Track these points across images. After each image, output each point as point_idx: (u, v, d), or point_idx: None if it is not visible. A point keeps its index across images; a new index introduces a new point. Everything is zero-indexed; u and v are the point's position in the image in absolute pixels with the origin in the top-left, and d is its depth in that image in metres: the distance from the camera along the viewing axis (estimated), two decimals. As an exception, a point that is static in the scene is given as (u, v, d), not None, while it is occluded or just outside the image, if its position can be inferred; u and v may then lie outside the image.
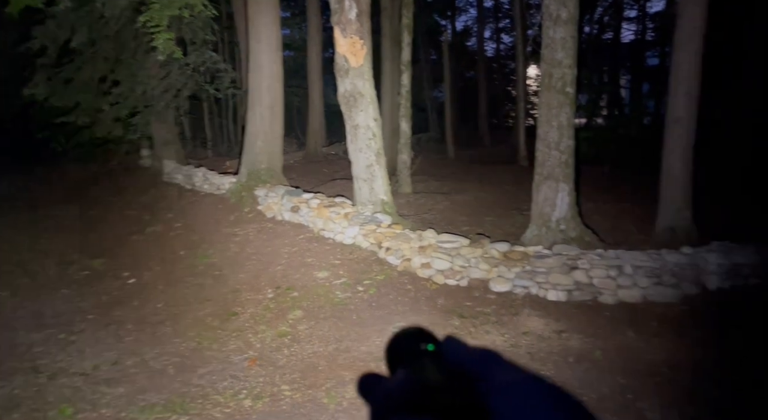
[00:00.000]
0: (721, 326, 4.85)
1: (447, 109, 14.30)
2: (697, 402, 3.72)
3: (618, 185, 9.56)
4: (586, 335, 4.68)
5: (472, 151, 15.93)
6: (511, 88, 22.43)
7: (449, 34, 20.83)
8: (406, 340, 0.51)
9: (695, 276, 5.57)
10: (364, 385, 0.51)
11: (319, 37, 14.84)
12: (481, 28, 21.19)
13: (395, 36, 11.03)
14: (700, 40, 6.04)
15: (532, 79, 18.29)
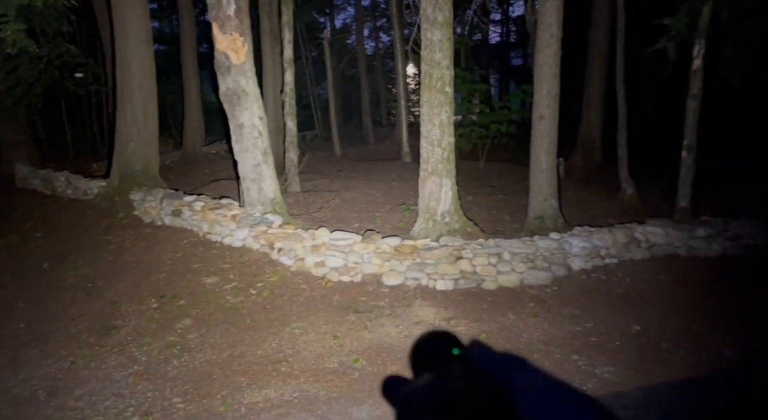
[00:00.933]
0: (584, 303, 5.44)
1: (331, 107, 14.35)
2: (569, 371, 4.16)
3: (493, 178, 10.28)
4: (472, 320, 5.00)
5: (357, 148, 16.15)
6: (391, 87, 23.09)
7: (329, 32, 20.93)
8: (432, 343, 0.51)
9: (563, 259, 6.18)
10: (389, 387, 0.51)
11: (192, 31, 14.06)
12: (360, 26, 21.53)
13: (275, 33, 10.82)
14: (558, 44, 6.70)
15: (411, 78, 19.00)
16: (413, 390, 0.47)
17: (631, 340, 4.62)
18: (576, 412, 0.40)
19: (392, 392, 0.50)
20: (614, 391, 3.84)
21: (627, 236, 6.51)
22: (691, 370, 4.10)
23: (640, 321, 5.00)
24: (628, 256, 6.45)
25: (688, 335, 4.73)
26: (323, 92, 20.57)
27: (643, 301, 5.48)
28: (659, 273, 6.14)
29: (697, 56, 6.57)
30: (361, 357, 4.40)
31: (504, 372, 0.45)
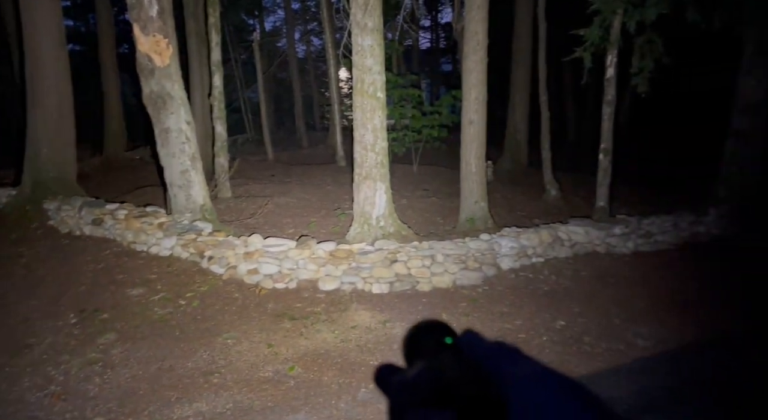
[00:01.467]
0: (513, 301, 5.67)
1: (262, 110, 14.09)
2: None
3: (426, 181, 10.48)
4: (408, 322, 5.07)
5: (290, 152, 15.95)
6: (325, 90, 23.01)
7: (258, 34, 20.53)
8: (424, 333, 0.51)
9: (493, 259, 6.40)
10: (381, 376, 0.51)
11: (111, 31, 13.39)
12: (291, 29, 21.30)
13: (202, 35, 10.50)
14: (484, 51, 6.94)
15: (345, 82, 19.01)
16: (406, 379, 0.47)
17: (556, 335, 4.86)
18: (566, 400, 0.40)
19: (385, 381, 0.50)
20: (542, 384, 4.02)
21: (552, 236, 6.84)
22: (611, 361, 4.37)
23: (564, 316, 5.27)
24: (553, 255, 6.78)
25: (607, 328, 5.04)
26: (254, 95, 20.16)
27: (567, 297, 5.77)
28: (581, 270, 6.49)
29: (611, 65, 7.04)
30: (296, 364, 4.35)
31: (496, 361, 0.45)
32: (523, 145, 11.83)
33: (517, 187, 10.62)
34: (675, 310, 5.41)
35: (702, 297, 5.77)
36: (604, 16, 6.32)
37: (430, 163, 11.84)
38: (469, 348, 0.48)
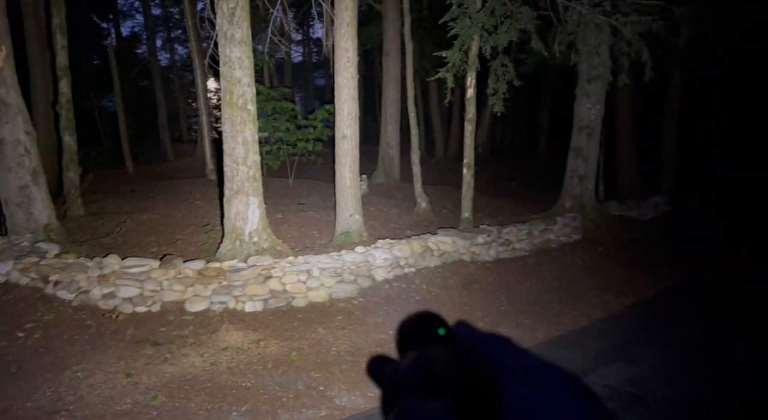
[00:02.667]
0: (388, 311, 5.81)
1: (120, 120, 13.02)
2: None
3: (302, 195, 10.40)
4: (283, 339, 4.96)
5: (155, 165, 14.90)
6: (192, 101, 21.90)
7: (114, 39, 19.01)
8: (417, 324, 0.50)
9: (368, 271, 6.52)
10: (374, 368, 0.50)
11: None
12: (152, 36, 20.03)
13: (43, 36, 9.46)
14: (355, 68, 7.11)
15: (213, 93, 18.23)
16: (399, 369, 0.47)
17: (428, 341, 5.06)
18: (558, 391, 0.40)
19: (378, 372, 0.49)
20: (414, 390, 4.15)
21: (422, 246, 7.14)
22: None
23: (435, 323, 5.50)
24: (424, 265, 7.08)
25: (473, 331, 5.36)
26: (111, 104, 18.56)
27: (437, 304, 6.05)
28: (449, 278, 6.86)
29: (470, 86, 7.61)
30: (160, 393, 4.02)
31: (488, 352, 0.45)
32: (395, 159, 12.26)
33: (390, 201, 10.95)
34: (530, 311, 5.92)
35: (551, 297, 6.39)
36: (463, 40, 6.83)
37: (305, 177, 11.78)
38: (463, 339, 0.48)
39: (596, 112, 9.20)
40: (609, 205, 10.21)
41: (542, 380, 0.41)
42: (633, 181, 11.94)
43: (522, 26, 6.60)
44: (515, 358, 0.44)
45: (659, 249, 8.68)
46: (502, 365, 0.43)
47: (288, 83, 19.72)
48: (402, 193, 11.39)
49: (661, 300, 6.42)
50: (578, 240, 8.83)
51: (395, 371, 0.47)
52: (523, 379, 0.41)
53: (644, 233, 9.40)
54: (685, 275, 7.40)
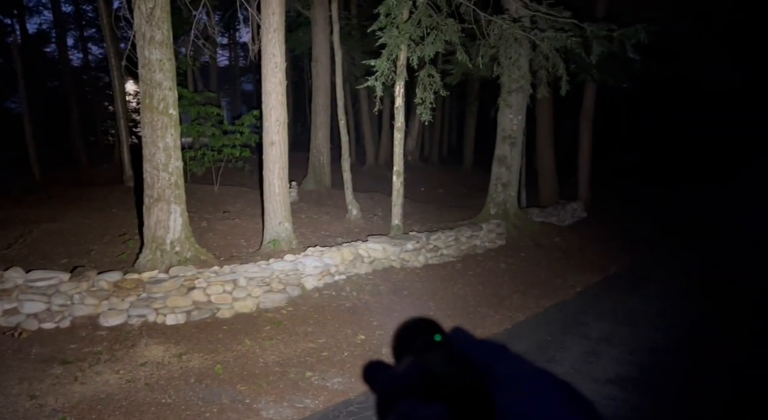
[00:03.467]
0: (318, 319, 5.75)
1: (26, 123, 12.08)
2: (303, 388, 4.31)
3: (228, 202, 10.10)
4: (207, 352, 4.77)
5: (67, 171, 13.94)
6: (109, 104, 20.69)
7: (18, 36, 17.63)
8: (414, 330, 0.49)
9: (297, 279, 6.42)
10: (370, 373, 0.50)
11: None
12: (62, 34, 18.77)
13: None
14: (283, 74, 7.02)
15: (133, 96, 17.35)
16: (394, 374, 0.47)
17: (357, 350, 5.05)
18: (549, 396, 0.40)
19: (372, 378, 0.50)
20: (342, 399, 4.13)
21: (353, 254, 7.14)
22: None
23: (365, 330, 5.51)
24: (355, 272, 7.08)
25: (402, 337, 5.41)
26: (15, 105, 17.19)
27: (368, 312, 6.06)
28: (379, 284, 6.89)
29: (399, 95, 7.73)
30: (68, 415, 3.74)
31: (484, 358, 0.45)
32: (326, 166, 12.20)
33: (321, 208, 10.88)
34: (456, 315, 6.07)
35: (477, 302, 6.59)
36: (391, 50, 6.93)
37: (232, 184, 11.45)
38: (459, 345, 0.48)
39: (518, 123, 9.62)
40: (531, 212, 10.69)
41: (535, 385, 0.42)
42: (553, 189, 12.58)
43: (447, 38, 6.80)
44: (509, 363, 0.45)
45: (577, 253, 9.18)
46: (496, 371, 0.43)
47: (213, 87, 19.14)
48: (333, 200, 11.35)
49: (579, 301, 6.77)
50: (502, 245, 9.17)
51: (391, 376, 0.47)
52: (517, 384, 0.42)
53: (563, 238, 9.90)
54: (600, 277, 7.87)
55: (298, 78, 19.99)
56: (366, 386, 0.50)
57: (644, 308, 6.40)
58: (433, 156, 21.61)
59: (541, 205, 11.60)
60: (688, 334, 5.54)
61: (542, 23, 7.03)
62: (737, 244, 10.36)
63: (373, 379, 0.50)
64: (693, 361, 4.95)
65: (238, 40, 25.73)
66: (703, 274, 8.02)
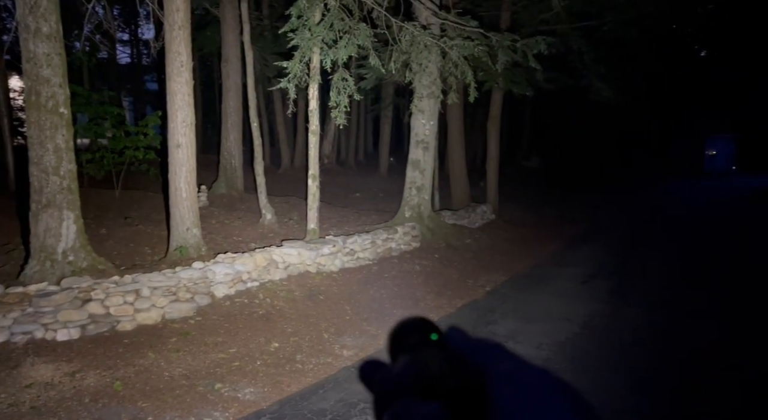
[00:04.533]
0: (229, 329, 5.53)
1: None
2: (212, 401, 4.12)
3: (131, 208, 9.49)
4: (105, 369, 4.43)
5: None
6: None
7: None
8: (410, 329, 0.50)
9: (207, 288, 6.15)
10: (365, 371, 0.50)
11: None
12: None
13: None
14: (189, 73, 6.72)
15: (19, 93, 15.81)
16: (391, 373, 0.47)
17: (270, 358, 4.92)
18: (545, 395, 0.40)
19: (369, 376, 0.49)
20: (254, 410, 3.99)
21: (266, 259, 6.96)
22: (319, 375, 4.63)
23: (278, 338, 5.38)
24: (269, 278, 6.90)
25: (317, 343, 5.35)
26: None
27: (282, 319, 5.93)
28: (294, 290, 6.77)
29: (313, 98, 7.66)
30: (-63, 452, 3.32)
31: (480, 357, 0.45)
32: (238, 170, 11.83)
33: (233, 213, 10.53)
34: (372, 318, 6.10)
35: (393, 304, 6.66)
36: (303, 52, 6.85)
37: (136, 188, 10.79)
38: (455, 344, 0.48)
39: (431, 128, 9.87)
40: (444, 215, 11.00)
41: (530, 383, 0.42)
42: (464, 192, 13.03)
43: (360, 42, 6.84)
44: (505, 362, 0.45)
45: (487, 254, 9.56)
46: (491, 369, 0.43)
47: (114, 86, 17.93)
48: (246, 204, 11.03)
49: (488, 300, 7.05)
50: (417, 247, 9.35)
51: (388, 374, 0.47)
52: (513, 383, 0.42)
53: (474, 239, 10.29)
54: (508, 276, 8.24)
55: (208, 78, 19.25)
56: (362, 385, 0.50)
57: (548, 304, 6.79)
58: (350, 159, 21.67)
59: (453, 208, 11.97)
60: (588, 329, 5.94)
61: (451, 32, 7.27)
62: (633, 240, 11.30)
63: (369, 378, 0.50)
64: (592, 352, 5.30)
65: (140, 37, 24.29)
66: (601, 268, 8.65)
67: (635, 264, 9.08)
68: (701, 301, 6.95)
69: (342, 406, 4.07)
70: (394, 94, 18.48)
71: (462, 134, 12.82)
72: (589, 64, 11.34)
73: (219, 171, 11.95)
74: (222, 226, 9.31)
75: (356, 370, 0.51)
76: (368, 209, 12.60)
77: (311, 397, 4.19)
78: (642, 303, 6.88)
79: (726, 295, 7.30)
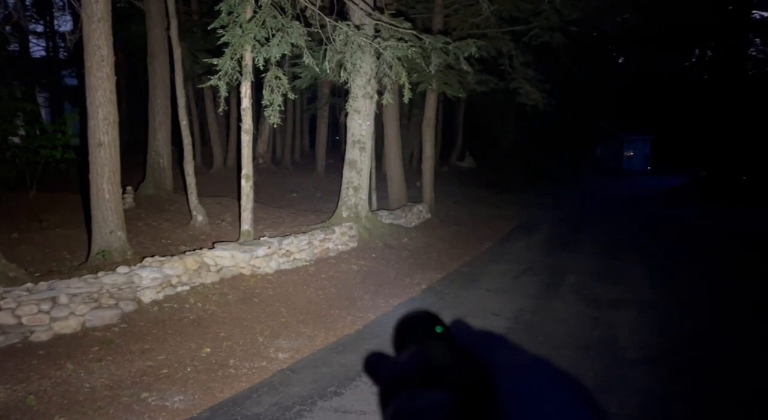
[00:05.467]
0: (157, 335, 5.29)
1: None
2: (138, 412, 3.93)
3: (47, 210, 8.88)
4: (15, 383, 4.12)
5: None
6: None
7: None
8: (414, 322, 0.51)
9: (132, 293, 5.85)
10: (370, 363, 0.51)
11: None
12: None
13: None
14: (111, 68, 6.37)
15: None
16: (398, 363, 0.47)
17: (201, 364, 4.75)
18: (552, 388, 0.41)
19: (374, 368, 0.50)
20: (184, 418, 3.84)
21: (197, 262, 6.72)
22: (253, 379, 4.52)
23: (210, 343, 5.21)
24: (200, 282, 6.67)
25: (251, 347, 5.22)
26: None
27: (214, 323, 5.74)
28: (228, 293, 6.58)
29: (245, 96, 7.47)
30: None
31: (484, 349, 0.46)
32: (167, 170, 11.35)
33: (162, 214, 10.11)
34: (309, 320, 6.03)
35: (330, 305, 6.62)
36: (234, 49, 6.66)
37: (53, 190, 10.11)
38: (459, 336, 0.49)
39: (367, 128, 9.89)
40: (381, 214, 11.06)
41: (535, 374, 0.43)
42: (401, 192, 13.17)
43: (294, 41, 6.74)
44: (508, 354, 0.46)
45: (423, 252, 9.71)
46: (495, 361, 0.44)
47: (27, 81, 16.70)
48: (175, 205, 10.61)
49: (424, 297, 7.15)
50: (354, 248, 9.35)
51: (394, 366, 0.48)
52: (517, 373, 0.43)
53: (410, 239, 10.41)
54: (443, 274, 8.41)
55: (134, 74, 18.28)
56: (367, 376, 0.50)
57: (482, 300, 6.98)
58: (286, 159, 21.34)
59: (390, 208, 12.07)
60: (520, 323, 6.16)
61: (385, 33, 7.32)
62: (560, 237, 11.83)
63: (374, 369, 0.51)
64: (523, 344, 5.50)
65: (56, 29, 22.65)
66: (532, 264, 9.00)
67: (563, 260, 9.51)
68: (619, 292, 7.39)
69: (277, 409, 3.99)
70: (330, 94, 18.38)
71: (398, 135, 12.94)
72: (517, 68, 11.78)
73: (146, 171, 11.42)
74: (150, 228, 8.91)
75: (361, 363, 0.52)
76: (305, 210, 12.46)
77: (244, 402, 4.09)
78: (569, 294, 7.23)
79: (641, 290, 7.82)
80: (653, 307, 6.81)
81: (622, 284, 7.91)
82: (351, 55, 7.07)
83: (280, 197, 14.34)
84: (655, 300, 7.16)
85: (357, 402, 4.13)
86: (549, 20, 10.95)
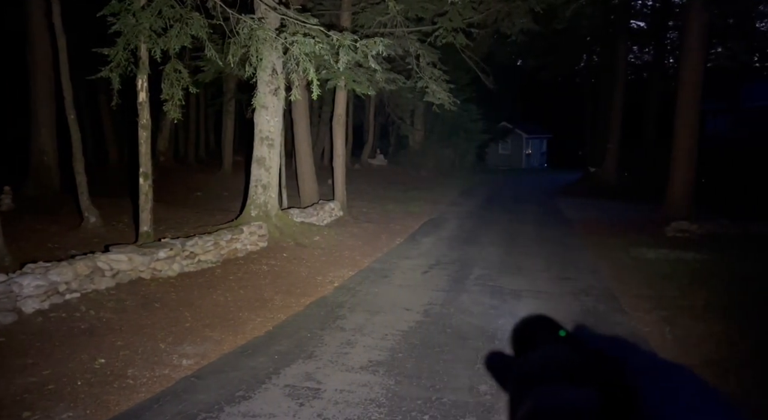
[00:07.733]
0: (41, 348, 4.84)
1: None
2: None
3: None
4: None
5: None
6: None
7: None
8: (536, 327, 0.51)
9: (12, 303, 5.32)
10: (493, 363, 0.52)
11: None
12: None
13: None
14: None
15: None
16: (526, 365, 0.47)
17: (95, 376, 4.40)
18: (689, 391, 0.41)
19: (498, 367, 0.50)
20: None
21: (90, 267, 6.24)
22: (154, 389, 4.27)
23: (105, 353, 4.85)
24: (93, 288, 6.20)
25: (152, 355, 4.93)
26: None
27: (110, 332, 5.35)
28: (125, 299, 6.17)
29: (142, 89, 7.01)
30: None
31: (614, 352, 0.45)
32: (53, 168, 10.42)
33: (48, 216, 9.29)
34: (216, 324, 5.80)
35: (239, 307, 6.42)
36: (127, 39, 6.22)
37: None
38: (586, 340, 0.48)
39: (276, 124, 9.68)
40: (292, 213, 10.89)
41: (673, 380, 0.42)
42: (313, 190, 13.05)
43: (194, 33, 6.42)
44: (640, 357, 0.45)
45: (335, 250, 9.68)
46: (630, 363, 0.44)
47: None
48: (64, 207, 9.79)
49: (336, 295, 7.14)
50: (264, 247, 9.13)
51: (525, 367, 0.47)
52: (655, 378, 0.42)
53: (322, 237, 10.34)
54: (356, 271, 8.44)
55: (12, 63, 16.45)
56: (489, 374, 0.51)
57: (393, 295, 7.09)
58: (190, 156, 20.38)
59: (302, 206, 11.92)
60: (429, 316, 6.33)
61: (292, 28, 7.19)
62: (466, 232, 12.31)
63: (498, 367, 0.51)
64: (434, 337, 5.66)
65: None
66: (440, 258, 9.28)
67: (469, 253, 9.90)
68: (520, 285, 7.84)
69: (181, 418, 3.80)
70: (236, 89, 17.75)
71: (308, 131, 12.80)
72: (424, 67, 12.07)
73: (29, 170, 10.40)
74: (33, 232, 8.14)
75: (482, 362, 0.52)
76: (212, 209, 11.98)
77: (144, 414, 3.84)
78: (476, 285, 7.54)
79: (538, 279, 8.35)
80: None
81: (520, 280, 8.38)
82: (256, 50, 6.86)
83: (184, 196, 13.68)
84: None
85: (267, 405, 4.04)
86: (453, 21, 11.32)
